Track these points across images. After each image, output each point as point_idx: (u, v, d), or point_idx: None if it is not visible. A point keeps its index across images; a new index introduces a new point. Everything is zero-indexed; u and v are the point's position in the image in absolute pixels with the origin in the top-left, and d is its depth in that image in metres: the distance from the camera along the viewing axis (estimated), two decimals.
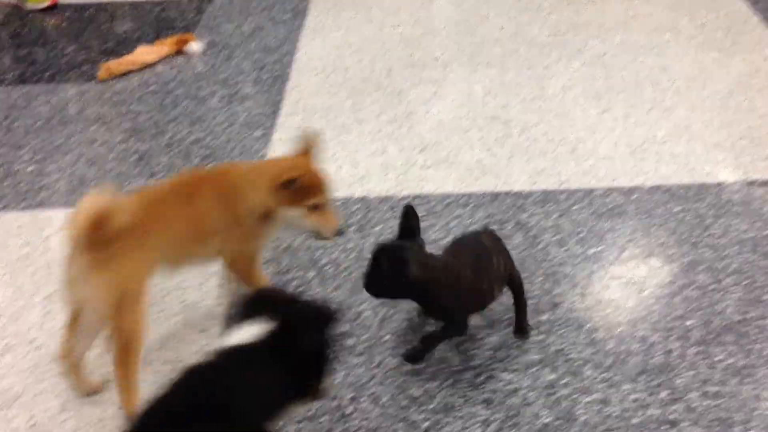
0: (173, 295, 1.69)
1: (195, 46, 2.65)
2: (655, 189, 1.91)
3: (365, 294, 1.40)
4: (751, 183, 1.90)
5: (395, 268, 1.33)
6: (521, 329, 1.55)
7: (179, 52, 2.65)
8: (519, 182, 1.96)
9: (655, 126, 2.13)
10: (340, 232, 1.53)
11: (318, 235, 1.52)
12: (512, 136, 2.13)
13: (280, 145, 2.14)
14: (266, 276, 1.61)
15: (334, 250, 1.78)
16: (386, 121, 2.23)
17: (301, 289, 1.67)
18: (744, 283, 1.63)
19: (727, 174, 1.93)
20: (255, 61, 2.58)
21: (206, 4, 3.01)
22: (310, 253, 1.78)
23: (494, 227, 1.81)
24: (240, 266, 1.58)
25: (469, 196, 1.93)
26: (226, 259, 1.57)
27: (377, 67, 2.51)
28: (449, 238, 1.80)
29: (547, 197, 1.90)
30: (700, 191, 1.89)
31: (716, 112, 2.16)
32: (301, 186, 1.45)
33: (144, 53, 2.58)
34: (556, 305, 1.61)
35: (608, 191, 1.91)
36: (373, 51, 2.61)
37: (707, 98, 2.22)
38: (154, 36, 2.76)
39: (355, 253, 1.77)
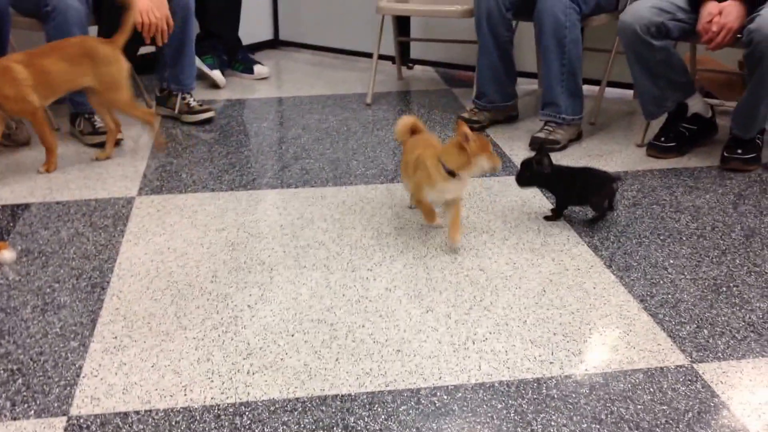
0: None
1: (7, 254, 2.54)
2: (479, 386, 1.94)
3: None
4: (567, 377, 1.97)
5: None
6: None
7: None
8: (346, 385, 1.95)
9: (475, 324, 2.19)
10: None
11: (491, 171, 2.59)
12: (338, 338, 2.13)
13: (98, 356, 2.05)
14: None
15: None
16: (211, 327, 2.19)
17: None
18: None
19: (544, 369, 2.00)
20: (72, 268, 2.51)
21: (21, 211, 2.93)
22: None
23: None
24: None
25: (296, 401, 1.89)
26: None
27: (202, 271, 2.49)
28: None
29: (374, 399, 1.89)
30: (521, 387, 1.93)
31: (531, 309, 2.26)
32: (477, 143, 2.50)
33: None
34: None
35: (434, 390, 1.93)
36: (197, 255, 2.59)
37: (522, 296, 2.33)
38: None
39: None
